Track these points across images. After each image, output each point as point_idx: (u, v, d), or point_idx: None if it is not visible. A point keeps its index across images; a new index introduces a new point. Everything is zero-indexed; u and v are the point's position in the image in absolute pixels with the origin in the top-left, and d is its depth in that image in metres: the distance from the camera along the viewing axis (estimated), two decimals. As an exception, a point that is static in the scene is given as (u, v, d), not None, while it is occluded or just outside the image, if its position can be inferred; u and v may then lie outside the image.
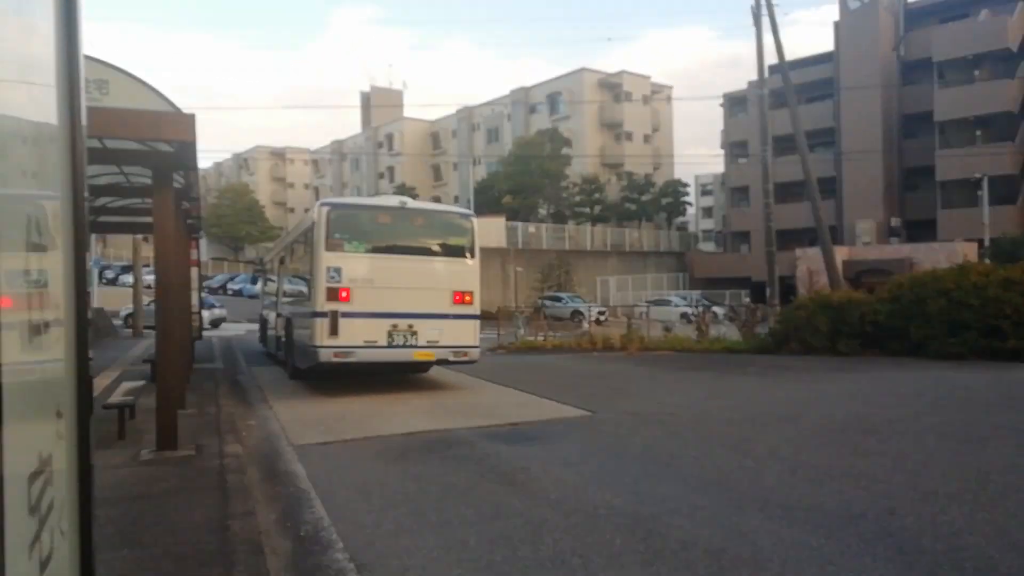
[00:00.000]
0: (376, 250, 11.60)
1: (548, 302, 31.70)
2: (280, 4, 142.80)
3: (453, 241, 12.29)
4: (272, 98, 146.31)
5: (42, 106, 1.21)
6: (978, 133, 38.25)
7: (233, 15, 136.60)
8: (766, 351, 18.13)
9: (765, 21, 23.43)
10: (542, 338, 21.47)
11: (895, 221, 41.30)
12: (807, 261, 26.81)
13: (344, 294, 11.09)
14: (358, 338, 11.09)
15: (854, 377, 13.12)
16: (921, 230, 39.90)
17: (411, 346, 11.40)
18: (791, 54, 27.24)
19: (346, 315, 11.06)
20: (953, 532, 4.78)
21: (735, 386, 12.51)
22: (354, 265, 11.31)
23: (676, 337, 20.66)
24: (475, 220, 12.74)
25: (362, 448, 7.79)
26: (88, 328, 1.42)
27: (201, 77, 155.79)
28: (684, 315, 29.16)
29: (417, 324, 11.39)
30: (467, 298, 11.89)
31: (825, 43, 75.23)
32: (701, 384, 12.87)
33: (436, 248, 12.16)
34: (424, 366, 12.80)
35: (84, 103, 1.38)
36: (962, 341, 15.22)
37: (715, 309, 26.64)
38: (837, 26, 43.35)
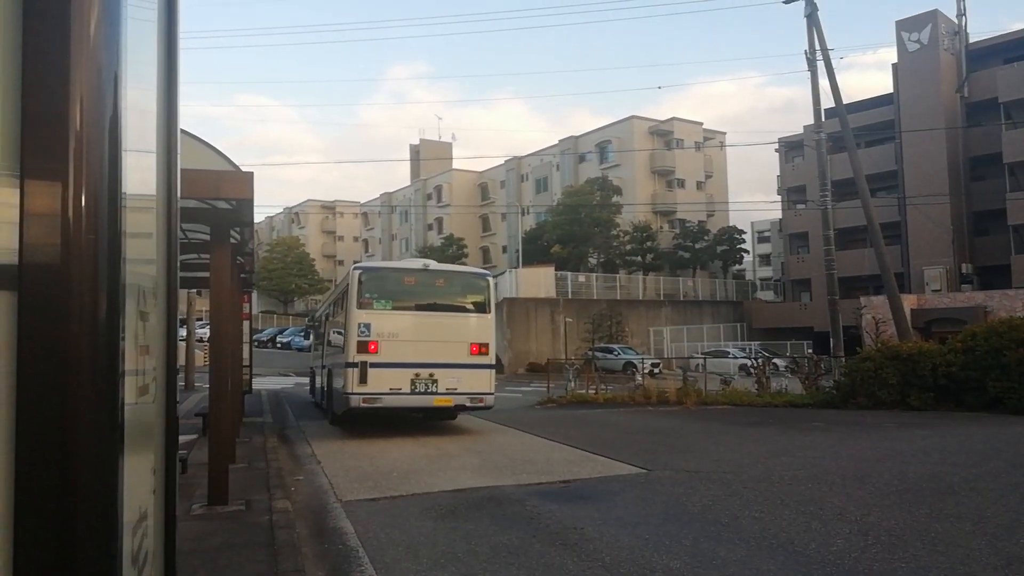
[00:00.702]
0: (402, 307, 12.89)
1: (599, 354, 31.25)
2: (335, 62, 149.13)
3: (471, 298, 13.54)
4: (324, 153, 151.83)
5: (147, 177, 1.30)
6: (1051, 175, 36.78)
7: (288, 74, 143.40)
8: (831, 405, 17.40)
9: (820, 66, 23.20)
10: (593, 391, 21.08)
11: (966, 267, 39.63)
12: (872, 310, 25.83)
13: (373, 347, 12.33)
14: (385, 386, 12.28)
15: (927, 433, 12.42)
16: (994, 276, 38.14)
17: (432, 393, 12.52)
18: (848, 97, 26.86)
19: (374, 365, 12.26)
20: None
21: (799, 443, 11.96)
22: (382, 321, 12.52)
23: (735, 390, 20.01)
24: (491, 279, 14.21)
25: (410, 505, 7.66)
26: (176, 390, 1.50)
27: (256, 133, 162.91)
28: (743, 367, 28.33)
29: (437, 373, 12.53)
30: (483, 349, 13.07)
31: (883, 85, 74.20)
32: (762, 440, 12.35)
33: (455, 305, 13.42)
34: (449, 412, 13.81)
35: (179, 172, 1.48)
36: (1045, 394, 14.31)
37: (776, 361, 25.79)
38: (896, 68, 42.64)
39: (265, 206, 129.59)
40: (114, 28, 0.91)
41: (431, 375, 12.52)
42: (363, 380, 12.22)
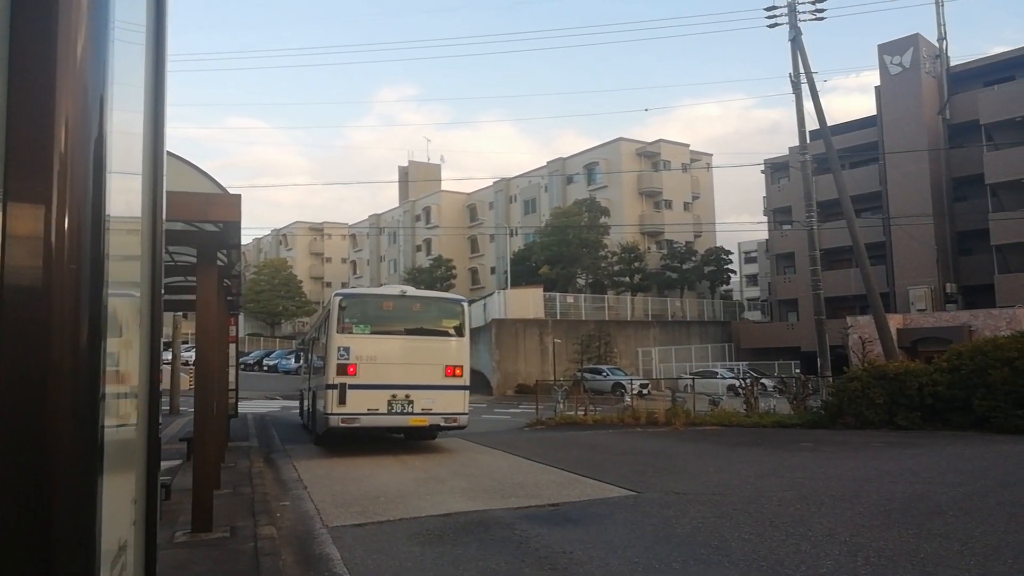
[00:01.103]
0: (380, 332, 13.45)
1: (588, 375, 31.20)
2: (325, 85, 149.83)
3: (446, 323, 14.10)
4: (313, 174, 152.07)
5: (132, 199, 1.30)
6: (1032, 195, 37.31)
7: (276, 96, 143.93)
8: (819, 425, 17.43)
9: (805, 88, 23.54)
10: (582, 413, 21.01)
11: (950, 287, 40.00)
12: (859, 330, 25.99)
13: (352, 369, 12.90)
14: (363, 406, 12.85)
15: (914, 453, 12.46)
16: (978, 296, 38.50)
17: (408, 413, 13.09)
18: (832, 119, 27.21)
19: (353, 387, 12.83)
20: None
21: (788, 463, 11.96)
22: (361, 344, 13.09)
23: (723, 411, 20.01)
24: (466, 305, 14.69)
25: (398, 530, 7.57)
26: (159, 416, 1.47)
27: (246, 155, 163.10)
28: (731, 387, 28.35)
29: (413, 394, 13.10)
30: (457, 371, 13.58)
31: (867, 107, 75.31)
32: (751, 461, 12.33)
33: (431, 329, 13.99)
34: (426, 432, 14.19)
35: (164, 194, 1.47)
36: (1031, 413, 14.40)
37: (764, 381, 25.83)
38: (878, 91, 43.30)
39: (254, 228, 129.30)
40: (101, 50, 0.90)
41: (407, 396, 13.06)
42: (342, 401, 12.75)
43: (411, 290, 15.47)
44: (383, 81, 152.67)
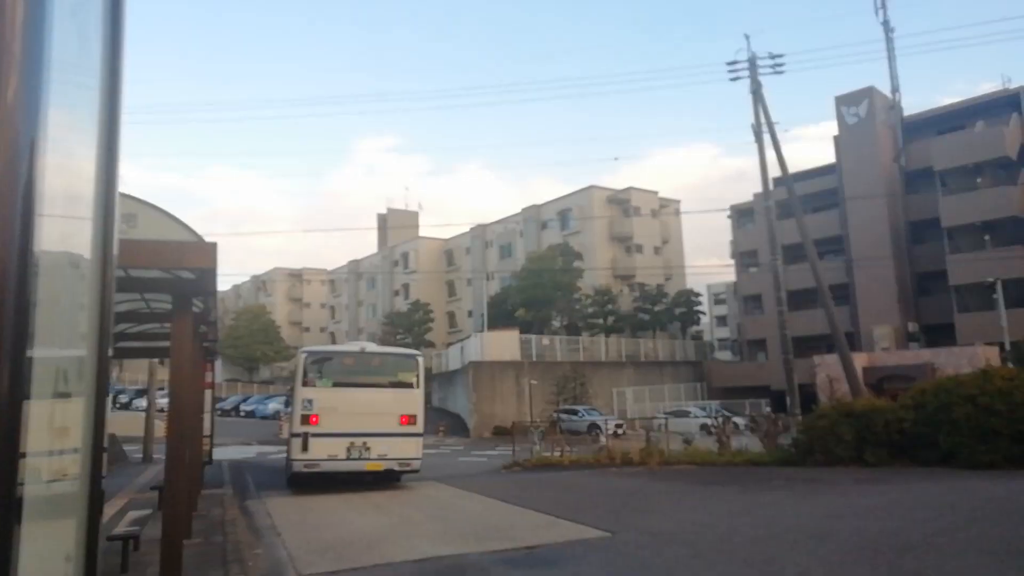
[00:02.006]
0: (341, 384, 14.65)
1: (564, 416, 31.16)
2: (305, 136, 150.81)
3: (402, 376, 15.23)
4: (292, 222, 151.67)
5: (76, 244, 1.26)
6: (987, 238, 38.56)
7: (259, 146, 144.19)
8: (790, 463, 17.59)
9: (767, 138, 24.35)
10: (558, 454, 20.96)
11: (912, 326, 40.96)
12: (826, 368, 26.46)
13: (314, 419, 14.06)
14: (324, 453, 13.98)
15: (883, 489, 12.65)
16: (939, 335, 39.46)
17: (365, 459, 14.21)
18: (794, 167, 28.09)
19: (315, 435, 13.99)
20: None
21: (760, 501, 12.06)
22: (323, 396, 14.33)
23: (696, 450, 20.11)
24: (420, 359, 15.96)
25: (373, 576, 7.49)
26: (101, 470, 1.39)
27: (227, 203, 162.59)
28: (704, 426, 28.51)
29: (370, 441, 14.24)
30: (412, 420, 14.71)
31: (827, 156, 77.74)
32: (724, 500, 12.41)
33: (388, 382, 15.06)
34: (386, 475, 15.02)
35: (116, 238, 1.42)
36: (993, 448, 14.73)
37: (736, 420, 26.05)
38: (837, 140, 44.86)
39: (234, 274, 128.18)
40: (33, 96, 0.90)
41: (364, 443, 14.20)
42: (305, 448, 13.92)
43: (371, 346, 17.17)
44: (364, 132, 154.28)
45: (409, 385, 15.15)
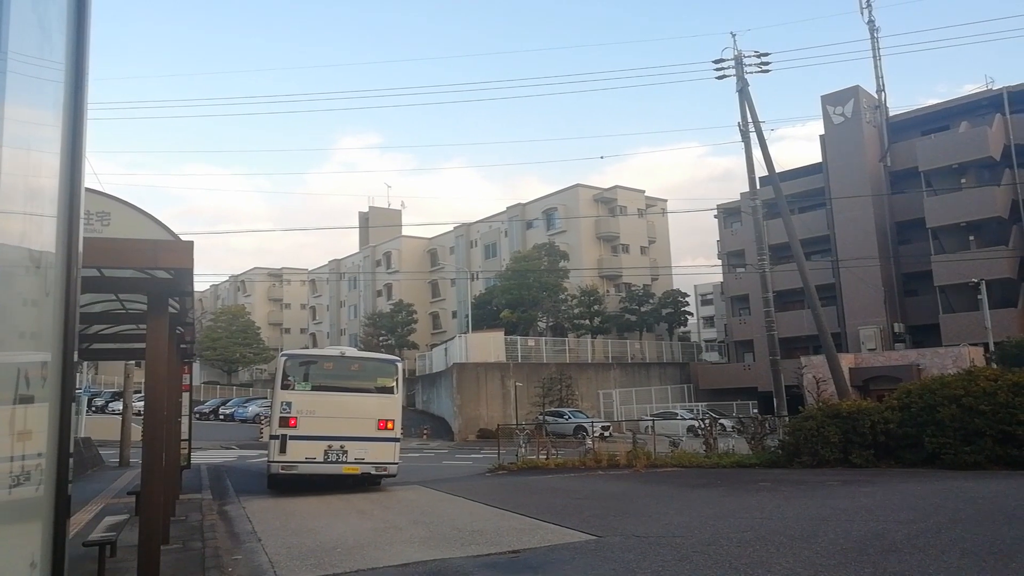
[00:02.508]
0: (320, 388, 14.78)
1: (550, 418, 31.08)
2: (286, 132, 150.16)
3: (381, 381, 15.38)
4: (272, 220, 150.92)
5: (38, 242, 1.21)
6: (971, 238, 38.87)
7: (237, 143, 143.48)
8: (777, 464, 17.60)
9: (753, 137, 24.38)
10: (544, 457, 20.88)
11: (898, 326, 41.22)
12: (813, 369, 26.52)
13: (292, 422, 14.22)
14: (301, 455, 14.16)
15: (869, 491, 12.65)
16: (925, 335, 39.73)
17: (342, 462, 14.36)
18: (781, 166, 28.15)
19: (293, 438, 14.18)
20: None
21: (746, 504, 12.02)
22: (302, 399, 14.44)
23: (683, 452, 20.09)
24: (400, 364, 16.08)
25: (354, 582, 7.36)
26: (68, 474, 1.37)
27: (204, 202, 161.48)
28: (691, 428, 28.55)
29: (348, 445, 14.37)
30: (389, 424, 14.82)
31: (813, 155, 78.22)
32: (711, 502, 12.37)
33: (366, 386, 15.22)
34: (362, 479, 15.05)
35: (82, 236, 1.40)
36: (977, 449, 14.80)
37: (722, 421, 26.09)
38: (823, 139, 45.06)
39: (212, 274, 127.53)
40: None
41: (342, 447, 14.34)
42: (283, 450, 14.10)
43: (350, 351, 17.25)
44: (346, 128, 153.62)
45: (388, 390, 15.28)
